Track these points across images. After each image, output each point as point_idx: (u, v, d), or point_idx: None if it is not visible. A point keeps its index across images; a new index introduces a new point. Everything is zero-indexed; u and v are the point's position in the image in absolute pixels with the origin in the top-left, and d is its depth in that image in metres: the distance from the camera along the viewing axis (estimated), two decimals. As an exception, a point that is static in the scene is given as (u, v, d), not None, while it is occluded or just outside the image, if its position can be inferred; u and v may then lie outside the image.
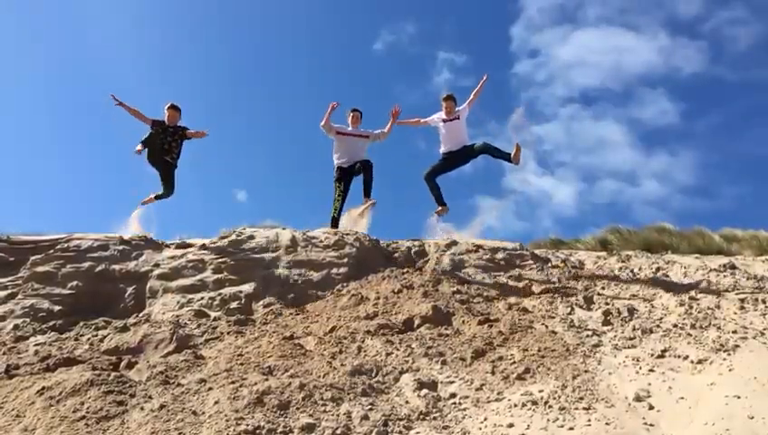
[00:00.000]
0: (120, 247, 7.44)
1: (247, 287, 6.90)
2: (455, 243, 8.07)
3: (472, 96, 8.37)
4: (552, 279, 7.07)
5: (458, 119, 8.18)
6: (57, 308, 6.34)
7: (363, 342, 5.04)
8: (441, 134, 8.26)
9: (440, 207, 8.25)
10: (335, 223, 8.34)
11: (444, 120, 8.21)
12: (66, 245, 7.38)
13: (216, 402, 3.77)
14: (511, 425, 3.69)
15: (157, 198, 8.47)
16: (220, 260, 7.34)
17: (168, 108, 8.26)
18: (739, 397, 3.99)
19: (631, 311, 5.80)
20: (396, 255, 7.90)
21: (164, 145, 8.13)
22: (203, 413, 3.70)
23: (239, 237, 7.80)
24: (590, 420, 3.72)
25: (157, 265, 7.23)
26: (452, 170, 8.29)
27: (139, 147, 7.89)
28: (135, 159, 7.82)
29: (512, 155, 7.67)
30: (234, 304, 6.58)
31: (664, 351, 4.89)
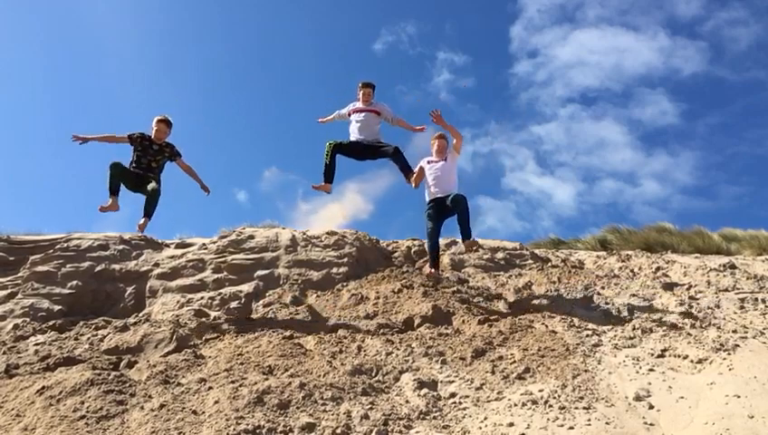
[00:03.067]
0: (120, 247, 7.45)
1: (247, 287, 6.90)
2: (454, 242, 8.07)
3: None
4: (552, 279, 7.07)
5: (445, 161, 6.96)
6: (57, 308, 6.34)
7: (363, 341, 5.04)
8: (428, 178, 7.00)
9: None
10: (328, 171, 7.05)
11: (429, 162, 7.05)
12: (66, 244, 7.38)
13: (216, 402, 3.77)
14: (511, 424, 3.69)
15: (148, 213, 6.64)
16: (220, 260, 7.34)
17: (157, 121, 6.93)
18: (739, 396, 3.99)
19: (631, 310, 5.80)
20: (396, 254, 7.91)
21: (141, 163, 6.70)
22: (203, 413, 3.70)
23: (239, 237, 7.80)
24: (589, 420, 3.72)
25: (157, 265, 7.23)
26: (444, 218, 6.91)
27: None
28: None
29: (464, 245, 6.64)
30: (234, 304, 6.59)
31: (664, 350, 4.89)
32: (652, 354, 4.84)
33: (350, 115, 7.49)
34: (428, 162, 7.04)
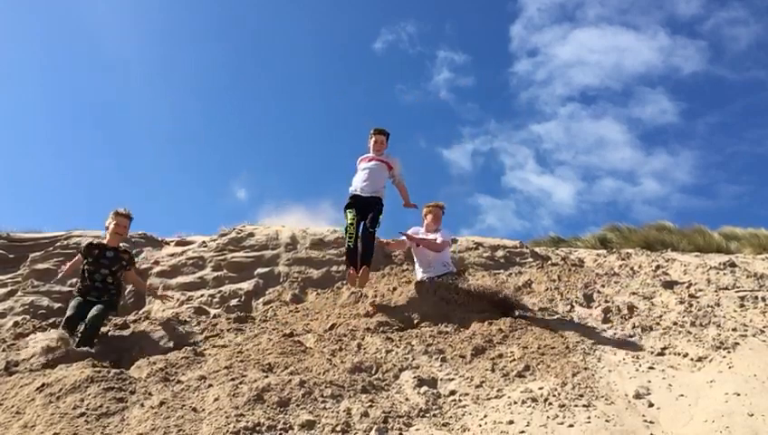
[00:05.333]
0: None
1: (247, 285, 6.90)
2: (455, 240, 8.07)
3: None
4: (551, 277, 7.07)
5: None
6: (57, 305, 6.34)
7: (363, 339, 5.04)
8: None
9: None
10: (352, 253, 6.11)
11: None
12: (65, 242, 7.38)
13: (216, 399, 3.77)
14: (511, 422, 3.69)
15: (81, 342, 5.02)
16: (220, 257, 7.34)
17: (116, 214, 5.71)
18: (739, 394, 3.99)
19: (631, 309, 5.80)
20: (396, 253, 7.90)
21: (95, 280, 5.53)
22: (203, 410, 3.70)
23: (239, 235, 7.80)
24: (589, 418, 3.72)
25: (157, 263, 7.23)
26: None
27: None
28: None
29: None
30: (233, 302, 6.59)
31: (664, 348, 4.89)
32: (652, 352, 4.84)
33: (359, 163, 6.69)
34: (417, 245, 6.44)
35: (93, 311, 5.30)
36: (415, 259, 6.67)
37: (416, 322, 5.53)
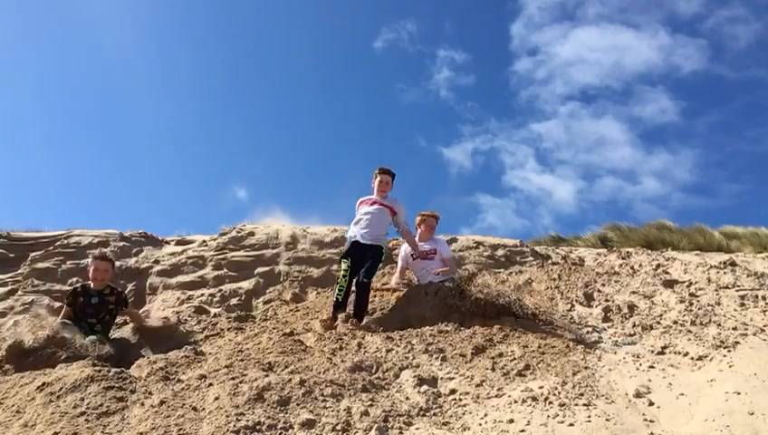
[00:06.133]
0: (120, 244, 7.44)
1: (247, 284, 6.91)
2: (455, 239, 8.07)
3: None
4: (552, 276, 7.06)
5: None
6: (57, 305, 6.34)
7: (363, 338, 5.04)
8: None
9: None
10: (338, 306, 5.68)
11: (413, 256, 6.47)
12: (66, 241, 7.38)
13: (217, 398, 3.77)
14: (511, 421, 3.69)
15: None
16: (220, 257, 7.34)
17: (94, 258, 5.45)
18: (739, 393, 3.99)
19: (631, 308, 5.79)
20: (396, 252, 7.90)
21: (81, 329, 5.12)
22: (203, 409, 3.70)
23: (239, 234, 7.80)
24: (590, 417, 3.72)
25: (157, 262, 7.23)
26: None
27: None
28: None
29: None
30: (234, 301, 6.59)
31: (664, 347, 4.89)
32: (652, 351, 4.84)
33: (358, 206, 6.26)
34: (413, 256, 6.39)
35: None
36: (412, 272, 6.58)
37: (416, 321, 5.52)
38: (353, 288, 5.74)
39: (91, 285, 5.45)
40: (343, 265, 5.84)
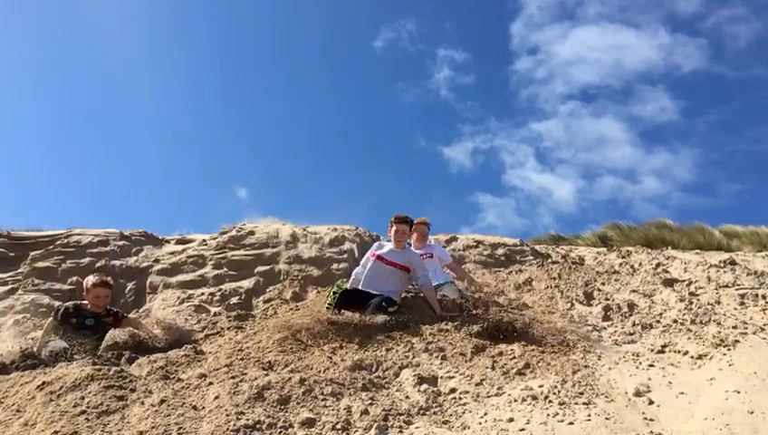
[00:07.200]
0: (120, 243, 7.45)
1: (247, 283, 6.91)
2: (455, 238, 8.07)
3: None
4: (552, 275, 7.07)
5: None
6: (57, 303, 6.33)
7: (363, 337, 5.03)
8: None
9: None
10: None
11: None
12: (66, 240, 7.38)
13: (217, 397, 3.77)
14: (511, 419, 3.69)
15: None
16: (220, 256, 7.35)
17: (93, 285, 5.24)
18: (739, 392, 3.99)
19: (631, 306, 5.79)
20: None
21: (78, 344, 4.88)
22: (203, 408, 3.70)
23: (239, 233, 7.80)
24: (589, 415, 3.72)
25: (157, 261, 7.24)
26: None
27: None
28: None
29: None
30: (234, 300, 6.59)
31: (664, 346, 4.89)
32: (652, 350, 4.85)
33: (371, 255, 5.84)
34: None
35: None
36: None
37: (416, 320, 5.52)
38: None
39: (87, 306, 5.26)
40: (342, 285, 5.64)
